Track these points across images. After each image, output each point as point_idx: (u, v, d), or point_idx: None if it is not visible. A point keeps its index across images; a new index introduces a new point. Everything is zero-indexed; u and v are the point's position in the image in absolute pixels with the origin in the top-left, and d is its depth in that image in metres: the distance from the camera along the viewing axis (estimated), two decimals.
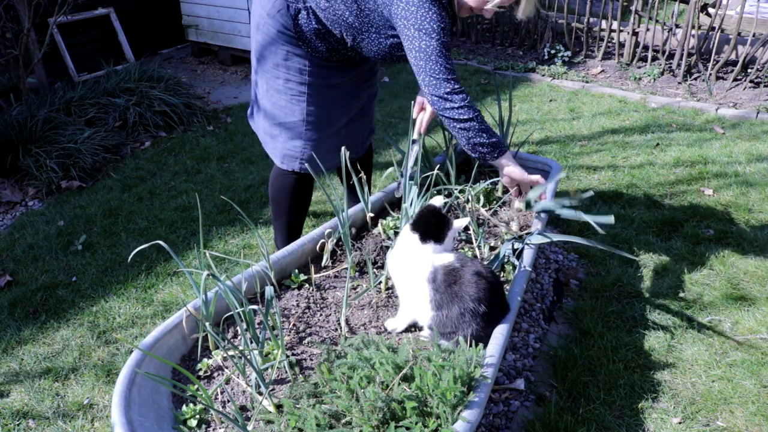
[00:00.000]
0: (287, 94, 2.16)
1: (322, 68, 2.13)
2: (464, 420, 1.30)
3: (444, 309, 1.59)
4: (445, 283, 1.59)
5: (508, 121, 2.52)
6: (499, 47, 5.79)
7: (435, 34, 1.82)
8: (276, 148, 2.29)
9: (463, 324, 1.58)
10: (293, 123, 2.20)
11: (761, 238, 2.78)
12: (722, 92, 4.53)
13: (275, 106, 2.21)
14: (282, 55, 2.11)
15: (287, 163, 2.28)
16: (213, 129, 4.18)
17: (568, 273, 2.59)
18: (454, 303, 1.57)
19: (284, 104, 2.18)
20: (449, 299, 1.58)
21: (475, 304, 1.56)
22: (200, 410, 1.46)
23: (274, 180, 2.39)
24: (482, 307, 1.56)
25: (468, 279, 1.58)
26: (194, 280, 1.62)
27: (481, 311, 1.56)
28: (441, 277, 1.60)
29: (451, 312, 1.58)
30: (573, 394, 2.00)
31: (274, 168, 2.37)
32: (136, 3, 5.27)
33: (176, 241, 2.90)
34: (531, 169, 2.61)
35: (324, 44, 2.06)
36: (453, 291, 1.58)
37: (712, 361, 2.12)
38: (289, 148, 2.25)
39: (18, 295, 2.56)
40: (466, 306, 1.56)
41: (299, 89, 2.15)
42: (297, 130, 2.21)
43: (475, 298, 1.56)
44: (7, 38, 4.02)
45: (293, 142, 2.23)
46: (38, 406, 2.02)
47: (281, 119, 2.21)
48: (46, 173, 3.37)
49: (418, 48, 1.84)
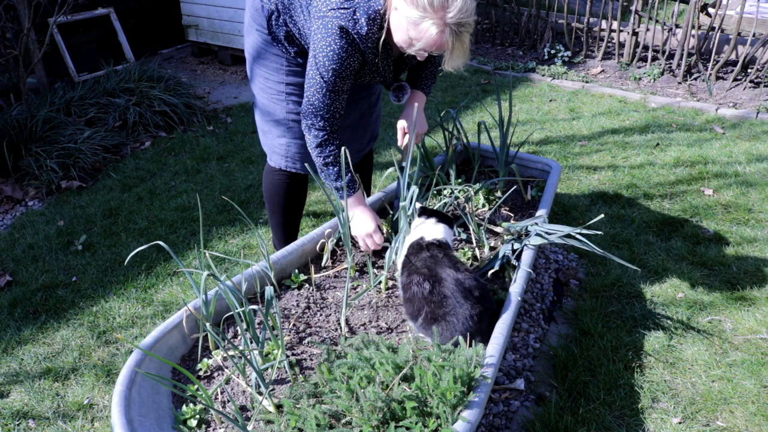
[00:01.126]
0: (267, 92, 2.17)
1: (300, 68, 2.11)
2: (464, 420, 1.30)
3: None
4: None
5: (508, 121, 2.52)
6: (499, 47, 5.79)
7: (322, 70, 1.79)
8: (266, 144, 2.31)
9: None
10: (277, 120, 2.21)
11: (761, 238, 2.78)
12: (722, 92, 4.53)
13: (261, 103, 2.23)
14: (261, 53, 2.12)
15: (275, 160, 2.30)
16: (213, 129, 4.18)
17: (568, 273, 2.59)
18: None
19: (266, 102, 2.20)
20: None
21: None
22: (200, 410, 1.46)
23: (266, 177, 2.41)
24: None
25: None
26: (194, 280, 1.62)
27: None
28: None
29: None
30: (573, 394, 2.00)
31: (266, 165, 2.39)
32: (136, 3, 5.27)
33: (176, 241, 2.90)
34: (531, 169, 2.62)
35: (293, 47, 2.05)
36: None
37: (712, 361, 2.12)
38: (276, 146, 2.26)
39: (18, 295, 2.56)
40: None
41: (277, 88, 2.15)
42: (281, 127, 2.22)
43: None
44: (7, 38, 4.02)
45: (279, 139, 2.24)
46: (38, 406, 2.02)
47: (267, 116, 2.23)
48: (46, 173, 3.37)
49: (308, 73, 1.84)
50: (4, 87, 4.14)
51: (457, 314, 1.59)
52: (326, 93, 1.83)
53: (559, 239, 1.96)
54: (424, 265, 1.68)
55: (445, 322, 1.60)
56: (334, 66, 1.78)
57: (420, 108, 2.10)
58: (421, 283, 1.65)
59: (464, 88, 4.85)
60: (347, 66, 1.80)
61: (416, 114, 2.02)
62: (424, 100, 2.16)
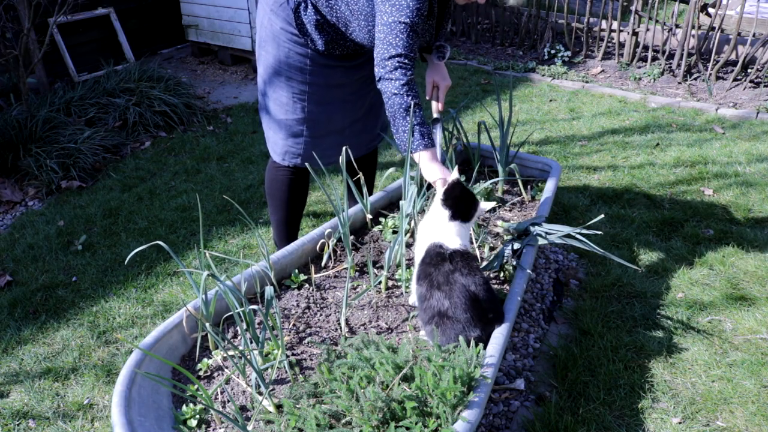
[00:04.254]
0: (289, 91, 2.18)
1: (324, 68, 2.15)
2: (464, 420, 1.30)
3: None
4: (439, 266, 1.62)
5: (508, 121, 2.52)
6: (499, 47, 5.79)
7: (406, 11, 1.80)
8: (276, 143, 2.31)
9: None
10: (294, 120, 2.22)
11: (761, 238, 2.78)
12: (722, 92, 4.53)
13: (277, 102, 2.22)
14: (284, 53, 2.12)
15: (288, 159, 2.30)
16: (213, 129, 4.18)
17: (568, 273, 2.59)
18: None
19: (285, 101, 2.20)
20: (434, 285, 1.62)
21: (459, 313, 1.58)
22: (200, 410, 1.46)
23: (269, 173, 2.41)
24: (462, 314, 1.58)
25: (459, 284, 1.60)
26: (194, 280, 1.62)
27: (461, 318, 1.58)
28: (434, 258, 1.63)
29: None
30: (573, 394, 2.00)
31: (269, 162, 2.39)
32: (136, 3, 5.27)
33: (176, 241, 2.90)
34: (531, 169, 2.62)
35: (323, 36, 2.07)
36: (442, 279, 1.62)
37: (712, 361, 2.12)
38: (290, 145, 2.27)
39: (18, 295, 2.56)
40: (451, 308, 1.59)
41: (300, 88, 2.16)
42: (297, 127, 2.23)
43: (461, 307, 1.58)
44: (7, 38, 4.02)
45: (294, 139, 2.26)
46: (38, 406, 2.02)
47: (282, 116, 2.23)
48: (46, 173, 3.37)
49: (385, 23, 1.83)
50: (4, 87, 4.14)
51: (473, 330, 1.59)
52: (410, 34, 1.82)
53: (559, 239, 1.96)
54: (446, 281, 1.62)
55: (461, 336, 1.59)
56: (417, 5, 1.80)
57: (442, 62, 2.18)
58: (441, 300, 1.60)
59: (464, 88, 4.85)
60: (422, 9, 1.82)
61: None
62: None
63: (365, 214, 2.16)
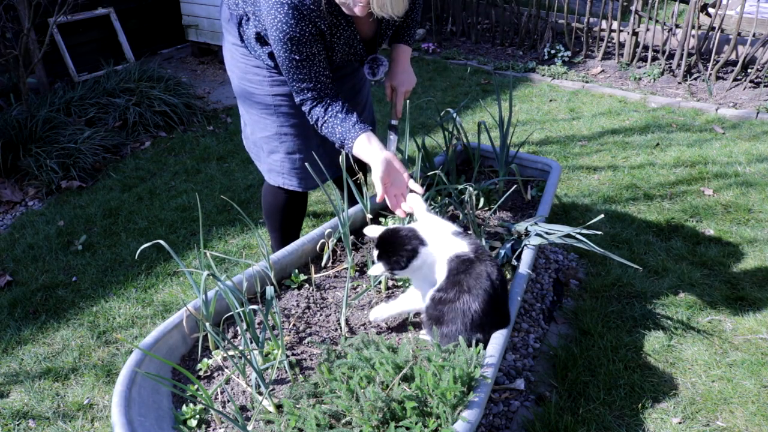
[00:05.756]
0: (256, 108, 2.11)
1: (281, 75, 2.04)
2: (464, 420, 1.30)
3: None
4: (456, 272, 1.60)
5: (508, 121, 2.52)
6: (499, 47, 5.79)
7: (279, 43, 1.74)
8: (260, 162, 2.27)
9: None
10: (269, 136, 2.14)
11: (761, 238, 2.78)
12: (722, 92, 4.53)
13: (251, 120, 2.17)
14: (242, 69, 2.06)
15: (273, 178, 2.24)
16: (213, 129, 4.18)
17: (568, 273, 2.59)
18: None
19: (257, 118, 2.13)
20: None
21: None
22: (200, 410, 1.46)
23: (265, 196, 2.36)
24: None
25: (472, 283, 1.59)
26: (194, 280, 1.62)
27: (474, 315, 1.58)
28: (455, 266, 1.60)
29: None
30: (573, 394, 2.00)
31: (264, 183, 2.34)
32: (136, 3, 5.27)
33: (176, 241, 2.90)
34: (531, 169, 2.62)
35: (266, 47, 1.96)
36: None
37: (712, 361, 2.12)
38: (270, 162, 2.21)
39: (18, 295, 2.56)
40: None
41: (266, 101, 2.08)
42: (273, 143, 2.15)
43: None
44: (7, 38, 4.02)
45: (273, 155, 2.18)
46: (38, 406, 2.02)
47: (259, 133, 2.17)
48: (46, 173, 3.37)
49: (277, 57, 1.80)
50: (4, 87, 4.14)
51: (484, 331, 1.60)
52: (298, 64, 1.77)
53: (559, 239, 1.96)
54: (477, 285, 1.58)
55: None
56: (290, 34, 1.71)
57: (405, 61, 2.04)
58: (470, 302, 1.57)
59: (464, 88, 4.85)
60: (302, 31, 1.72)
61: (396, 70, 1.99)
62: (408, 52, 2.08)
63: (365, 214, 2.16)
